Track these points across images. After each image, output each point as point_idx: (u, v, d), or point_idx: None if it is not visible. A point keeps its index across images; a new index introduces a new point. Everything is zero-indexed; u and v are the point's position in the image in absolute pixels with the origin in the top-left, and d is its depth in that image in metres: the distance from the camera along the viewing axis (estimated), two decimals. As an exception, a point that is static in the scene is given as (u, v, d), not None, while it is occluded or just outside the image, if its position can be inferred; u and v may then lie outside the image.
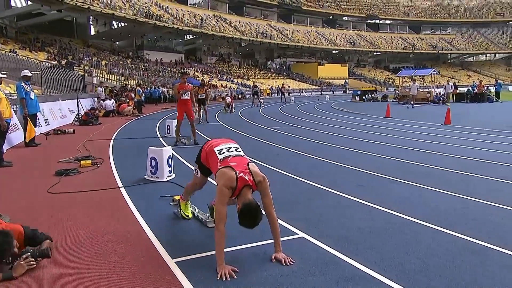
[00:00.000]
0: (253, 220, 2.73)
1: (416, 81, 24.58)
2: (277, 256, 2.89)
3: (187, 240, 3.34)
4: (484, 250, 3.09)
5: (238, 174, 2.82)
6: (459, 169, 6.03)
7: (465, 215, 3.91)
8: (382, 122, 14.10)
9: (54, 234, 3.45)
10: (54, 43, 36.76)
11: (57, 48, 34.93)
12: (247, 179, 2.82)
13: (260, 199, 2.93)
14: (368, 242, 3.25)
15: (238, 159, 2.98)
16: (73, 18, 44.30)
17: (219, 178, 2.88)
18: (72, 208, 4.22)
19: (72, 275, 2.67)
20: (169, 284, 2.57)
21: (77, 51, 37.15)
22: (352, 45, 70.60)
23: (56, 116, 13.40)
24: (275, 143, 9.18)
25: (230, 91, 41.10)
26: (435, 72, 32.78)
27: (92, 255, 3.03)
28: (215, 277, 2.65)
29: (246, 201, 2.77)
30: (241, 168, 2.87)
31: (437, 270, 2.74)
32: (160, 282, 2.60)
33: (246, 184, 2.82)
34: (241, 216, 2.76)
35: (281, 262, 2.84)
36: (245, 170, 2.87)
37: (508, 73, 71.65)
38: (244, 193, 2.80)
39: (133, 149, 8.41)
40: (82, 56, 35.39)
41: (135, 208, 4.20)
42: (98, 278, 2.65)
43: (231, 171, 2.84)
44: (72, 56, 33.24)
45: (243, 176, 2.82)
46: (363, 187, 5.05)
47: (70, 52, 35.69)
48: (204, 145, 3.38)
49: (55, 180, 5.44)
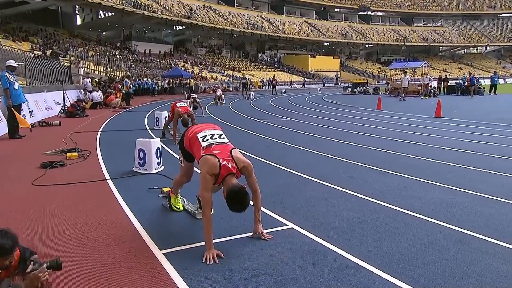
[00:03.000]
0: (241, 203, 2.78)
1: (407, 73, 24.76)
2: (256, 229, 3.13)
3: (176, 232, 3.35)
4: (471, 239, 3.16)
5: (221, 162, 2.86)
6: (448, 161, 6.13)
7: (453, 206, 3.99)
8: (373, 115, 14.20)
9: (39, 227, 3.44)
10: (39, 33, 36.00)
11: (41, 38, 34.22)
12: (230, 167, 2.88)
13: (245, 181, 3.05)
14: (357, 232, 3.30)
15: (221, 146, 3.01)
16: (58, 7, 43.43)
17: (202, 165, 2.92)
18: (58, 201, 4.18)
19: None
20: (157, 276, 2.58)
21: (62, 42, 36.46)
22: (344, 37, 70.72)
23: (41, 107, 13.19)
24: (265, 135, 9.19)
25: (221, 83, 40.97)
26: (426, 64, 33.11)
27: (78, 247, 3.01)
28: (205, 268, 2.66)
29: (230, 186, 2.82)
30: (224, 155, 2.91)
31: (424, 259, 2.80)
32: (148, 273, 2.61)
33: (229, 172, 2.87)
34: (228, 201, 2.81)
35: (260, 236, 3.10)
36: (228, 158, 2.91)
37: (498, 66, 72.62)
38: (228, 179, 2.85)
39: (121, 141, 8.34)
40: (68, 46, 34.78)
41: (122, 200, 4.18)
42: (84, 270, 2.64)
43: (214, 158, 2.88)
44: (58, 47, 32.63)
45: (226, 164, 2.87)
46: (353, 179, 5.10)
47: (55, 42, 35.01)
48: (187, 131, 3.35)
49: (40, 173, 5.38)
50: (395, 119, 12.70)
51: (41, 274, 2.31)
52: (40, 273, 2.30)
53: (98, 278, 2.54)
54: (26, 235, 3.21)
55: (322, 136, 9.06)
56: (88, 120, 12.64)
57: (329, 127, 10.72)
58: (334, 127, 10.78)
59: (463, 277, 2.55)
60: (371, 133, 9.38)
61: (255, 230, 3.15)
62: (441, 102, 13.59)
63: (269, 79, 46.04)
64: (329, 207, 3.96)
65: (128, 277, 2.55)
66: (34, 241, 3.07)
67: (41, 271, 2.31)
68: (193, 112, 8.53)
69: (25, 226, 3.44)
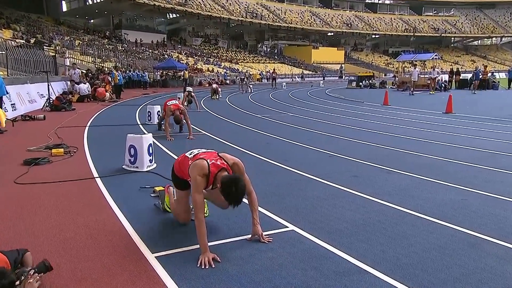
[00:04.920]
0: (237, 189, 2.84)
1: (417, 66, 24.74)
2: (255, 231, 3.17)
3: (168, 234, 3.34)
4: (484, 243, 3.17)
5: (210, 161, 3.05)
6: (460, 160, 6.14)
7: (465, 207, 3.99)
8: (380, 110, 14.21)
9: (22, 228, 3.43)
10: (21, 20, 35.85)
11: (24, 26, 34.10)
12: (219, 164, 3.06)
13: None
14: (362, 235, 3.30)
15: (207, 152, 3.24)
16: (42, -7, 43.23)
17: (191, 171, 3.07)
18: (42, 200, 4.17)
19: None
20: (148, 280, 2.57)
21: (47, 30, 36.34)
22: (349, 27, 70.59)
23: (24, 100, 13.15)
24: (264, 131, 9.20)
25: (217, 76, 40.91)
26: (437, 56, 33.10)
27: (64, 250, 3.01)
28: (200, 273, 2.66)
29: (223, 176, 2.96)
30: (211, 157, 3.14)
31: (434, 264, 2.81)
32: (139, 278, 2.60)
33: (220, 168, 3.04)
34: (224, 192, 2.88)
35: (259, 239, 3.14)
36: (215, 158, 3.13)
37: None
38: (219, 175, 2.98)
39: (110, 137, 8.32)
40: (53, 35, 34.64)
41: (112, 200, 4.17)
42: (70, 275, 2.64)
43: (202, 160, 3.07)
44: (42, 35, 32.52)
45: (215, 162, 3.05)
46: (358, 178, 5.10)
47: (39, 30, 34.90)
48: (174, 162, 3.50)
49: (23, 170, 5.36)
50: (403, 114, 12.72)
51: (32, 280, 2.32)
52: (32, 279, 2.32)
53: (84, 283, 2.53)
54: (7, 237, 3.21)
55: (325, 132, 9.07)
56: (75, 114, 12.61)
57: (332, 123, 10.72)
58: (338, 123, 10.78)
59: (476, 283, 2.55)
60: (377, 130, 9.39)
61: (253, 232, 3.18)
62: (453, 97, 13.61)
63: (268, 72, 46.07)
64: (332, 208, 3.96)
65: (117, 283, 2.55)
66: (16, 243, 3.05)
67: (34, 278, 2.33)
68: (184, 108, 8.56)
69: (7, 228, 3.43)
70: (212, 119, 11.92)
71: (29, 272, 2.36)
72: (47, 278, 2.54)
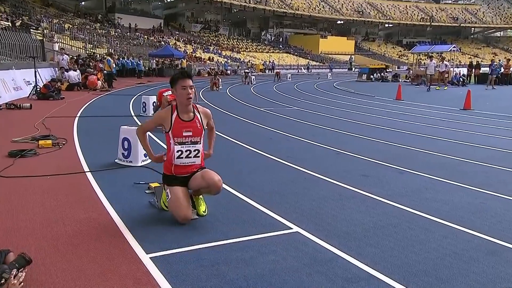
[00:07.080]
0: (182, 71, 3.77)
1: (433, 58, 24.60)
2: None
3: (164, 233, 3.35)
4: (504, 250, 3.17)
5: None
6: (478, 160, 6.13)
7: (483, 211, 3.99)
8: (392, 105, 14.20)
9: (6, 225, 3.44)
10: (6, 0, 35.75)
11: (9, 7, 33.98)
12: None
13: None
14: (372, 239, 3.30)
15: None
16: (29, -29, 43.04)
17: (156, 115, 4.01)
18: (29, 195, 4.18)
19: (28, 273, 2.66)
20: (142, 282, 2.59)
21: (34, 11, 36.25)
22: (360, 14, 70.32)
23: (9, 87, 13.16)
24: (267, 125, 9.20)
25: (217, 66, 40.85)
26: (456, 48, 32.90)
27: (52, 248, 3.02)
28: (197, 276, 2.67)
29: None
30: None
31: (449, 271, 2.81)
32: (132, 281, 2.61)
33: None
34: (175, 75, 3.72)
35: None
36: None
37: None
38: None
39: (102, 129, 8.33)
40: (41, 17, 34.56)
41: (103, 196, 4.18)
42: (59, 275, 2.65)
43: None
44: (29, 17, 32.44)
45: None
46: (367, 177, 5.11)
47: (26, 12, 34.80)
48: None
49: (8, 162, 5.37)
50: (417, 110, 12.70)
51: (15, 282, 2.34)
52: (15, 280, 2.34)
53: (72, 285, 2.54)
54: (-8, 233, 3.22)
55: (333, 128, 9.06)
56: (64, 103, 12.61)
57: (341, 119, 10.71)
58: (347, 118, 10.77)
59: (493, 292, 2.56)
60: (388, 126, 9.38)
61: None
62: (472, 92, 13.57)
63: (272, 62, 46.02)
64: (340, 209, 3.97)
65: (108, 285, 2.56)
66: (0, 241, 3.07)
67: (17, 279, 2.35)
68: None
69: (-9, 223, 3.44)
70: (212, 111, 11.89)
71: (11, 272, 2.38)
72: (36, 277, 2.55)
